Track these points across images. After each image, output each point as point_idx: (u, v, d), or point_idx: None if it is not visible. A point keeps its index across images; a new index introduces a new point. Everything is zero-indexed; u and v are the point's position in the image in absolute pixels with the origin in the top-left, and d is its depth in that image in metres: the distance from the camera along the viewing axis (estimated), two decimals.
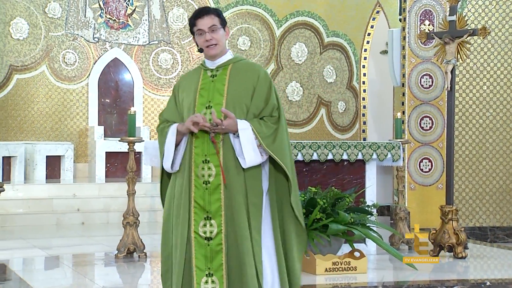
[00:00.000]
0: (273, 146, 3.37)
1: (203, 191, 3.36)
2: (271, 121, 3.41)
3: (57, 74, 10.78)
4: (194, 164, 3.38)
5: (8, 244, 7.14)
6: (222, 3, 11.46)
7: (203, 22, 3.43)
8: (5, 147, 9.33)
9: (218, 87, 3.43)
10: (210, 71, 3.50)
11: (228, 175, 3.34)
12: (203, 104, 3.41)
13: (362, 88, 11.58)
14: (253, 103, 3.42)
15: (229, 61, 3.51)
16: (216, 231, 3.34)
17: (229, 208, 3.34)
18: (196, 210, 3.37)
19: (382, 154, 6.36)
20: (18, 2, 10.39)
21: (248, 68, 3.50)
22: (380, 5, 10.58)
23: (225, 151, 3.37)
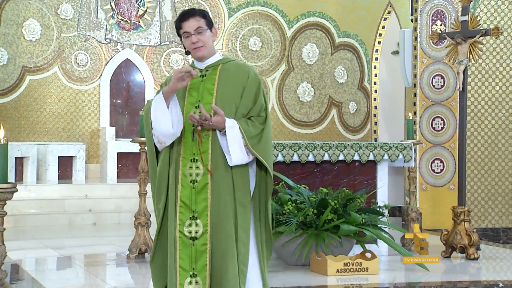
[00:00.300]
0: (258, 146, 3.36)
1: (189, 190, 3.34)
2: (258, 121, 3.41)
3: (69, 75, 10.83)
4: (182, 163, 3.36)
5: (21, 244, 7.18)
6: (234, 3, 11.47)
7: (188, 24, 3.41)
8: (17, 148, 9.38)
9: (208, 86, 3.42)
10: (199, 71, 3.48)
11: (216, 173, 3.32)
12: (193, 103, 3.40)
13: (373, 89, 11.56)
14: (242, 103, 3.41)
15: (219, 62, 3.49)
16: (202, 231, 3.32)
17: (215, 208, 3.32)
18: (181, 210, 3.34)
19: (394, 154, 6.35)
20: (30, 3, 10.45)
21: (237, 69, 3.49)
22: (392, 5, 10.56)
23: (213, 149, 3.35)
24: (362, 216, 5.63)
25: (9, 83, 10.20)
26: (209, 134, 3.35)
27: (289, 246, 5.61)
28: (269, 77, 11.63)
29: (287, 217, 5.55)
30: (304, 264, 5.63)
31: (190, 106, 3.39)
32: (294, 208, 5.60)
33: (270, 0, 11.52)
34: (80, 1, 10.84)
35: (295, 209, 5.60)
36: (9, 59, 10.17)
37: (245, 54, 11.54)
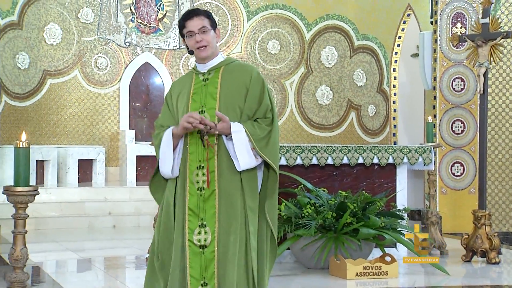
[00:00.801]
0: (266, 149, 3.29)
1: (197, 197, 3.28)
2: (265, 123, 3.33)
3: (89, 78, 10.90)
4: (189, 170, 3.30)
5: (42, 246, 7.24)
6: (252, 7, 11.49)
7: (192, 23, 3.36)
8: (38, 151, 9.46)
9: (211, 90, 3.36)
10: (201, 75, 3.42)
11: (221, 180, 3.27)
12: (196, 109, 3.33)
13: (392, 92, 11.51)
14: (246, 105, 3.34)
15: (221, 64, 3.42)
16: (210, 239, 3.26)
17: (223, 215, 3.25)
18: (190, 218, 3.28)
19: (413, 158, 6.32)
20: (52, 8, 10.54)
21: (240, 69, 3.41)
22: (411, 8, 10.51)
23: (220, 155, 3.28)
24: (381, 220, 5.61)
25: (30, 86, 10.30)
26: (214, 139, 3.28)
27: (308, 249, 5.60)
28: (288, 80, 11.63)
29: (306, 220, 5.54)
30: (323, 267, 5.62)
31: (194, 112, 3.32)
32: (313, 211, 5.59)
33: (289, 3, 11.52)
34: (100, 5, 10.92)
35: (314, 212, 5.59)
36: (30, 63, 10.27)
37: (264, 57, 11.55)
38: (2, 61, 9.44)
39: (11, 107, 9.95)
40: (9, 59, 9.89)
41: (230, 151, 3.27)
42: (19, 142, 3.34)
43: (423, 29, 9.76)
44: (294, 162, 6.07)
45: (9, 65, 9.87)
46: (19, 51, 10.06)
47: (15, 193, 3.37)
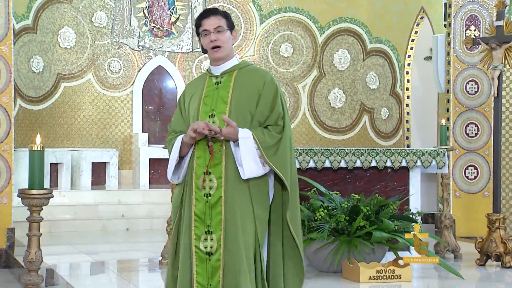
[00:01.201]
0: (275, 157, 3.18)
1: (203, 204, 3.21)
2: (275, 130, 3.23)
3: (102, 82, 10.95)
4: (195, 175, 3.24)
5: (56, 249, 7.27)
6: (265, 10, 11.50)
7: (209, 22, 3.29)
8: (52, 154, 9.51)
9: (222, 94, 3.28)
10: (215, 78, 3.35)
11: (228, 187, 3.19)
12: (206, 112, 3.26)
13: (405, 95, 11.47)
14: (258, 111, 3.25)
15: (235, 67, 3.34)
16: (216, 246, 3.19)
17: (229, 223, 3.17)
18: (197, 224, 3.22)
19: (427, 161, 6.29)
20: (66, 12, 10.60)
21: (253, 74, 3.32)
22: (425, 10, 10.48)
23: (227, 161, 3.20)
24: (394, 223, 5.59)
25: (44, 90, 10.36)
26: (223, 145, 3.21)
27: (321, 252, 5.59)
28: (301, 83, 11.62)
29: (319, 223, 5.54)
30: (336, 271, 5.61)
31: (204, 115, 3.27)
32: (326, 214, 5.59)
33: (301, 6, 11.52)
34: (114, 9, 10.97)
35: (327, 215, 5.58)
36: (44, 67, 10.33)
37: (277, 61, 11.56)
38: (17, 65, 9.51)
39: (25, 111, 10.01)
40: (24, 63, 9.96)
41: (236, 158, 3.20)
42: (33, 145, 3.36)
43: (436, 31, 9.73)
44: (307, 165, 6.07)
45: (23, 69, 9.94)
46: (33, 55, 10.13)
47: (30, 196, 3.39)
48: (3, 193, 6.65)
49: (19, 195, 3.45)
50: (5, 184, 6.66)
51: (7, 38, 6.70)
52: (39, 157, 3.36)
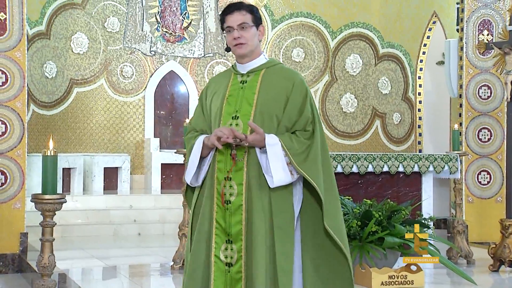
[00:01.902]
0: (305, 164, 2.98)
1: (224, 211, 3.03)
2: (304, 136, 3.03)
3: (114, 87, 11.00)
4: (217, 181, 3.06)
5: (68, 254, 7.30)
6: (277, 15, 11.51)
7: (232, 18, 3.07)
8: (65, 159, 9.55)
9: (247, 95, 3.07)
10: (240, 76, 3.14)
11: (249, 195, 3.00)
12: (230, 113, 3.07)
13: (417, 100, 11.44)
14: (285, 115, 3.05)
15: (262, 66, 3.13)
16: (236, 257, 3.01)
17: (249, 233, 2.99)
18: (217, 232, 3.04)
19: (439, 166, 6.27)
20: (79, 17, 10.67)
21: (282, 75, 3.11)
22: (437, 15, 10.45)
23: (249, 167, 3.01)
24: (407, 228, 5.57)
25: (57, 95, 10.42)
26: (246, 150, 3.03)
27: None
28: (312, 88, 11.62)
29: None
30: None
31: (228, 116, 3.08)
32: None
33: (313, 11, 11.52)
34: (126, 14, 11.02)
35: None
36: (57, 72, 10.39)
37: (288, 65, 11.55)
38: (30, 70, 9.57)
39: (38, 116, 10.07)
40: (37, 68, 10.02)
41: (262, 165, 3.00)
42: (46, 150, 3.38)
43: (449, 36, 9.70)
44: None
45: (37, 74, 10.00)
46: (46, 60, 10.19)
47: (43, 201, 3.40)
48: (16, 198, 6.68)
49: (32, 200, 3.47)
50: (18, 189, 6.70)
51: (21, 44, 6.75)
52: (52, 162, 3.37)
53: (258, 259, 2.95)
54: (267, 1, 11.49)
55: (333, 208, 3.06)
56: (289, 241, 3.00)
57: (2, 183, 6.64)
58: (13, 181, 6.67)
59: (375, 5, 11.47)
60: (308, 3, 11.50)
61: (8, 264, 6.62)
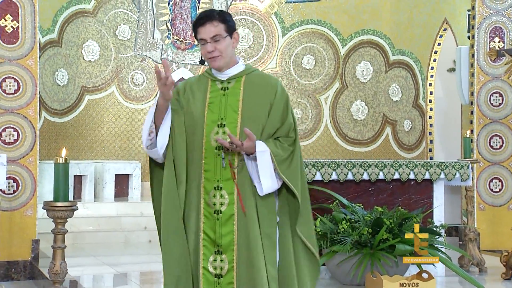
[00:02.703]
0: (288, 171, 3.00)
1: (213, 221, 2.98)
2: (287, 143, 3.05)
3: (125, 94, 11.04)
4: (204, 190, 2.99)
5: (79, 261, 7.32)
6: (287, 22, 11.53)
7: (204, 30, 3.01)
8: (76, 166, 9.59)
9: (232, 102, 3.04)
10: (219, 83, 3.10)
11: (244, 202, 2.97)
12: (214, 121, 3.02)
13: (428, 107, 11.41)
14: (269, 122, 3.05)
15: (242, 73, 3.11)
16: (227, 268, 2.97)
17: (243, 242, 2.95)
18: (205, 243, 2.98)
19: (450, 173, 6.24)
20: (90, 25, 10.73)
21: (263, 82, 3.10)
22: (448, 22, 10.43)
23: (240, 175, 2.99)
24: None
25: (69, 103, 10.47)
26: (241, 158, 3.00)
27: (344, 265, 5.56)
28: (323, 95, 11.62)
29: (341, 236, 5.51)
30: (359, 284, 5.57)
31: (212, 124, 3.02)
32: (349, 227, 5.56)
33: (323, 19, 11.53)
34: (137, 22, 11.07)
35: (349, 228, 5.55)
36: (69, 80, 10.45)
37: (299, 73, 11.57)
38: (42, 78, 9.62)
39: (50, 123, 10.12)
40: (49, 76, 10.08)
41: (250, 172, 2.99)
42: (58, 158, 3.40)
43: (460, 43, 9.67)
44: (329, 177, 6.05)
45: (48, 82, 10.05)
46: (58, 68, 10.25)
47: (54, 208, 3.42)
48: (28, 205, 6.71)
49: (44, 207, 3.48)
50: (30, 196, 6.73)
51: (33, 52, 6.80)
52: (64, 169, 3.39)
53: (257, 269, 2.92)
54: (277, 8, 11.51)
55: (307, 213, 3.11)
56: (274, 248, 3.02)
57: (14, 190, 6.67)
58: (25, 188, 6.70)
59: (386, 12, 11.46)
60: (318, 10, 11.51)
61: (20, 271, 6.65)
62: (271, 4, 11.51)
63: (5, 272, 6.58)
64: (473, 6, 8.41)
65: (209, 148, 3.00)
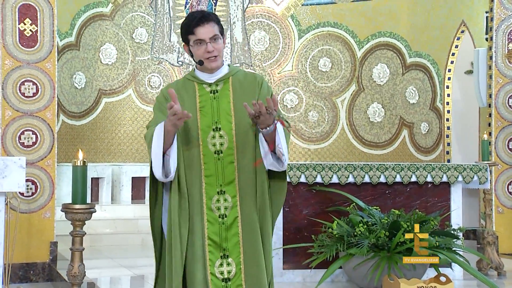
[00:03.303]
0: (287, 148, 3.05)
1: (218, 226, 2.99)
2: None
3: (142, 97, 11.09)
4: (206, 196, 3.00)
5: (97, 263, 7.36)
6: (303, 25, 11.52)
7: (204, 31, 2.99)
8: (93, 169, 9.64)
9: (224, 105, 3.04)
10: (208, 86, 3.08)
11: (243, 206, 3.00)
12: (209, 126, 3.02)
13: (446, 109, 11.34)
14: None
15: (228, 74, 3.11)
16: (235, 271, 2.97)
17: (248, 243, 2.97)
18: (210, 249, 2.98)
19: (468, 176, 6.20)
20: (107, 28, 10.79)
21: (247, 80, 3.11)
22: (465, 24, 10.37)
23: (240, 176, 3.00)
24: (436, 239, 5.52)
25: (86, 105, 10.53)
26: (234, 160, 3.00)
27: (361, 268, 5.54)
28: (339, 97, 11.59)
29: (358, 239, 5.49)
30: (376, 287, 5.55)
31: (207, 129, 3.02)
32: (366, 230, 5.54)
33: (340, 21, 11.51)
34: (154, 25, 11.12)
35: (366, 231, 5.53)
36: (86, 83, 10.51)
37: (315, 75, 11.55)
38: (60, 81, 9.70)
39: (67, 126, 10.19)
40: (67, 79, 10.15)
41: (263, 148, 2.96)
42: (76, 161, 3.42)
43: (477, 45, 9.61)
44: (346, 180, 6.04)
45: (66, 85, 10.13)
46: (76, 71, 10.32)
47: (73, 210, 3.44)
48: (46, 207, 6.76)
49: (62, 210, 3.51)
50: (48, 199, 6.78)
51: (51, 55, 6.85)
52: (82, 172, 3.41)
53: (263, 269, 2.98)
54: (294, 11, 11.51)
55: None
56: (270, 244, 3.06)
57: (33, 192, 6.72)
58: (43, 190, 6.75)
59: (403, 15, 11.42)
60: (335, 13, 11.49)
61: (39, 273, 6.69)
62: (288, 6, 11.52)
63: (23, 274, 6.64)
64: (491, 8, 8.36)
65: (208, 153, 3.00)
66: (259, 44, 11.52)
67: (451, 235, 5.73)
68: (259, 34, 11.52)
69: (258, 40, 11.52)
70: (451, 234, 5.73)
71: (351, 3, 11.46)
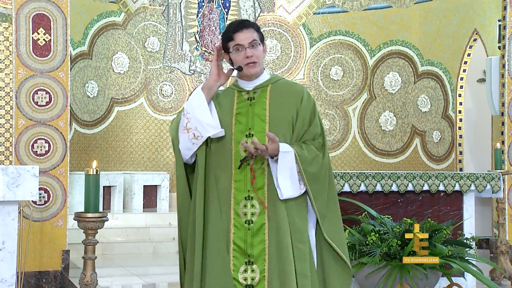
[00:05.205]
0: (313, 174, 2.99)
1: (244, 232, 2.96)
2: (314, 145, 3.05)
3: (154, 105, 11.13)
4: (234, 201, 2.98)
5: (109, 271, 7.37)
6: (315, 33, 11.53)
7: (243, 36, 3.02)
8: (105, 177, 9.68)
9: (259, 112, 3.04)
10: (246, 93, 3.11)
11: (271, 213, 2.96)
12: (242, 131, 3.02)
13: (458, 118, 11.31)
14: (296, 128, 3.05)
15: (267, 82, 3.10)
16: (259, 278, 2.94)
17: (274, 251, 2.94)
18: (235, 254, 2.96)
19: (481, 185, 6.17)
20: (120, 37, 10.85)
21: (289, 89, 3.10)
22: (478, 33, 10.35)
23: (269, 184, 2.99)
24: (448, 248, 5.49)
25: (98, 114, 10.58)
26: (265, 167, 3.00)
27: (373, 277, 5.52)
28: (351, 106, 11.58)
29: (370, 248, 5.47)
30: None
31: (240, 134, 3.03)
32: (378, 239, 5.52)
33: (351, 30, 11.52)
34: (166, 34, 11.17)
35: (378, 240, 5.51)
36: (99, 91, 10.57)
37: (327, 84, 11.55)
38: (72, 90, 9.76)
39: (80, 135, 10.24)
40: (79, 88, 10.21)
41: (274, 176, 2.97)
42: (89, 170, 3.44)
43: (490, 54, 9.59)
44: (357, 188, 6.02)
45: (79, 93, 10.18)
46: (88, 80, 10.38)
47: (85, 219, 3.46)
48: (59, 215, 6.79)
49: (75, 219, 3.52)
50: (61, 207, 6.80)
51: (64, 64, 6.90)
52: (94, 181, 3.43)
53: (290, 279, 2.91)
54: (305, 19, 11.53)
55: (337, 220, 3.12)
56: (306, 259, 2.99)
57: (45, 201, 6.75)
58: (56, 199, 6.78)
59: (415, 23, 11.41)
60: (346, 21, 11.50)
61: (51, 281, 6.72)
62: (299, 15, 11.54)
63: (36, 282, 6.66)
64: (503, 16, 8.34)
65: (239, 158, 3.00)
66: (271, 52, 11.55)
67: (463, 244, 5.69)
68: (270, 42, 11.54)
69: (269, 48, 11.55)
70: (463, 243, 5.70)
71: (363, 11, 11.47)
